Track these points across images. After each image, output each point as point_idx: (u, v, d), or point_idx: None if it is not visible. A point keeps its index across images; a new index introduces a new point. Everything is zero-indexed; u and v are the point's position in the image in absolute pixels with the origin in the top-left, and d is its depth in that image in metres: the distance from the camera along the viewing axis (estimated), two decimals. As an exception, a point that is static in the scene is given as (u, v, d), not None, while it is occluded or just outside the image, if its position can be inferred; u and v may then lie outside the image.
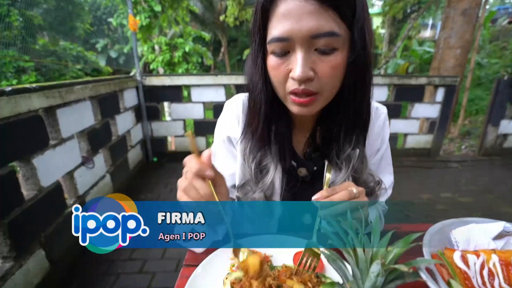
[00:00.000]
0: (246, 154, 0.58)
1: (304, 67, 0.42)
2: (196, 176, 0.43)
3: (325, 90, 0.46)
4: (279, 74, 0.46)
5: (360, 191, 0.47)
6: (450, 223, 0.48)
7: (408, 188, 2.66)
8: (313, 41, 0.42)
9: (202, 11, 11.45)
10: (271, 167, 0.57)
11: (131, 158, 2.81)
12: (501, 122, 3.45)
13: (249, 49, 0.54)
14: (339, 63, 0.44)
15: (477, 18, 4.02)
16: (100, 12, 13.61)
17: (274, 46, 0.45)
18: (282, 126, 0.56)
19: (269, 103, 0.52)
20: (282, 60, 0.45)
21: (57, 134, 1.62)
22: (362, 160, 0.57)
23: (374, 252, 0.36)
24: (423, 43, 9.89)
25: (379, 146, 0.64)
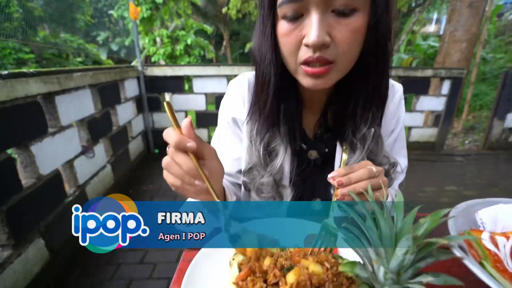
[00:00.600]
0: (253, 136, 0.54)
1: (320, 31, 0.37)
2: (177, 150, 0.39)
3: (342, 59, 0.41)
4: (290, 42, 0.41)
5: (380, 170, 0.43)
6: (474, 204, 0.45)
7: (412, 181, 2.63)
8: (330, 0, 0.37)
9: (204, 3, 11.31)
10: (281, 149, 0.53)
11: (132, 149, 2.78)
12: (507, 116, 3.39)
13: (251, 42, 0.49)
14: (359, 26, 0.39)
15: (484, 11, 3.93)
16: (101, 4, 13.48)
17: (286, 9, 0.40)
18: (292, 105, 0.51)
19: (279, 75, 0.47)
20: (295, 25, 0.40)
21: (56, 121, 1.58)
22: (378, 140, 0.53)
23: (399, 229, 0.32)
24: (428, 38, 9.75)
25: (394, 126, 0.59)
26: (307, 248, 0.40)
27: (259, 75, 0.49)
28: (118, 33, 14.10)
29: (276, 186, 0.55)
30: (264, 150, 0.54)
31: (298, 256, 0.37)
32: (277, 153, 0.53)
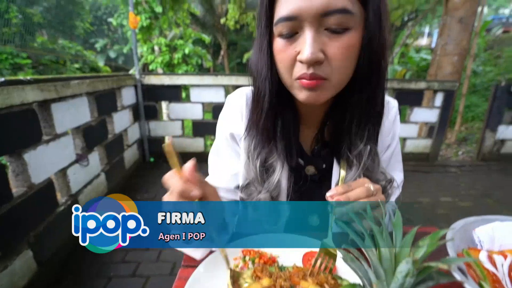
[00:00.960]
0: (251, 152, 0.54)
1: (314, 47, 0.38)
2: (181, 198, 0.38)
3: (335, 75, 0.42)
4: (286, 58, 0.42)
5: (377, 188, 0.43)
6: (472, 221, 0.45)
7: (407, 192, 2.64)
8: (323, 20, 0.38)
9: (203, 13, 11.48)
10: (278, 165, 0.53)
11: (128, 158, 2.75)
12: (498, 128, 3.46)
13: (248, 52, 0.50)
14: (352, 44, 0.40)
15: (473, 26, 4.07)
16: (100, 12, 13.59)
17: (281, 27, 0.41)
18: (289, 121, 0.52)
19: (275, 91, 0.47)
20: (290, 41, 0.41)
21: (51, 129, 1.56)
22: (374, 157, 0.53)
23: (398, 250, 0.32)
24: (420, 51, 10.00)
25: (390, 142, 0.60)
26: (306, 267, 0.39)
27: (256, 90, 0.50)
28: (116, 41, 14.17)
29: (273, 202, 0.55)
30: (261, 166, 0.53)
31: (298, 277, 0.36)
32: (274, 169, 0.53)
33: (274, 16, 0.42)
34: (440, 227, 0.65)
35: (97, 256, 1.66)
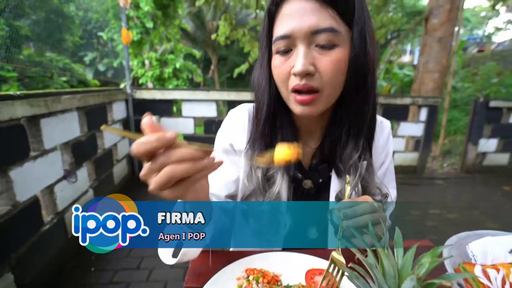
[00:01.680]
0: (253, 163, 0.57)
1: (305, 61, 0.44)
2: (163, 153, 0.31)
3: (327, 87, 0.46)
4: (282, 72, 0.48)
5: (379, 206, 0.45)
6: (465, 236, 0.47)
7: (398, 205, 2.68)
8: (313, 37, 0.44)
9: (194, 29, 11.70)
10: (278, 176, 0.56)
11: (117, 173, 2.69)
12: (479, 141, 3.62)
13: (238, 68, 0.54)
14: (340, 59, 0.45)
15: (451, 45, 4.33)
16: (90, 26, 13.59)
17: (278, 44, 0.47)
18: (289, 135, 0.56)
19: (273, 103, 0.52)
20: (285, 57, 0.47)
21: (39, 145, 1.52)
22: (369, 169, 0.57)
23: (401, 267, 0.33)
24: (403, 67, 10.49)
25: (384, 159, 0.64)
26: (312, 286, 0.40)
27: (256, 101, 0.55)
28: (106, 54, 14.12)
29: (274, 212, 0.56)
30: (263, 176, 0.56)
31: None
32: (275, 180, 0.56)
33: (273, 36, 0.48)
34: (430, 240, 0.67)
35: (81, 279, 1.58)
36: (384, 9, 6.78)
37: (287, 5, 0.45)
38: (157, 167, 0.31)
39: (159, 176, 0.31)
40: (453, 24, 4.17)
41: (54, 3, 10.03)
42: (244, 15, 11.45)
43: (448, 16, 4.05)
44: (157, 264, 1.74)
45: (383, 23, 6.12)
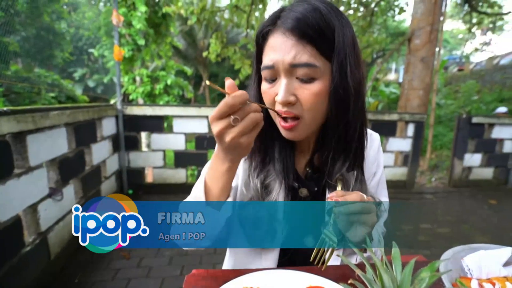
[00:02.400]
0: (251, 172, 0.60)
1: (286, 92, 0.48)
2: (243, 108, 0.40)
3: (308, 115, 0.50)
4: (268, 97, 0.52)
5: (369, 198, 0.50)
6: (460, 250, 0.47)
7: (391, 220, 2.69)
8: (293, 70, 0.48)
9: (185, 47, 11.91)
10: (276, 185, 0.58)
11: (105, 190, 2.61)
12: (465, 156, 3.73)
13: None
14: (318, 91, 0.48)
15: (433, 65, 4.56)
16: (81, 42, 13.65)
17: (265, 73, 0.51)
18: (285, 146, 0.59)
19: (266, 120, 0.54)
20: (271, 85, 0.51)
21: (24, 162, 1.47)
22: (361, 184, 0.59)
23: (400, 282, 0.33)
24: (389, 85, 10.93)
25: (375, 170, 0.67)
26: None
27: None
28: (96, 71, 14.11)
29: (270, 220, 0.58)
30: (261, 184, 0.59)
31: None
32: (272, 188, 0.58)
33: (262, 63, 0.52)
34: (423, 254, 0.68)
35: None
36: (369, 30, 7.14)
37: (272, 38, 0.49)
38: (243, 115, 0.40)
39: (244, 122, 0.40)
40: (434, 45, 4.42)
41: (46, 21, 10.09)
42: (235, 34, 11.79)
43: (429, 37, 4.30)
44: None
45: (368, 43, 6.42)
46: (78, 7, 14.85)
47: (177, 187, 3.13)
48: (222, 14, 7.49)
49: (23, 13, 9.27)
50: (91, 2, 14.55)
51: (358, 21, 7.12)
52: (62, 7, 12.34)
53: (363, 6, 7.04)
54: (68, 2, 13.59)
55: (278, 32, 0.48)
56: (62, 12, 11.53)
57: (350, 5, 7.17)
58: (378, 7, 6.94)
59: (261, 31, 0.51)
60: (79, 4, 15.20)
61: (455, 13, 11.89)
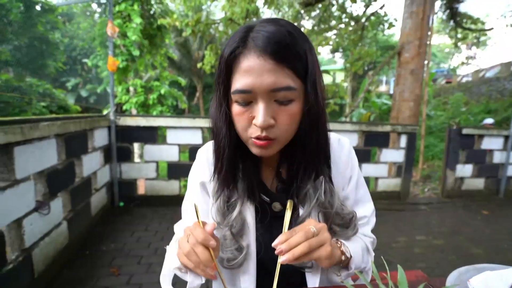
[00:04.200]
0: (214, 193, 0.59)
1: (266, 116, 0.47)
2: (199, 244, 0.46)
3: (282, 136, 0.51)
4: (243, 120, 0.50)
5: (320, 227, 0.48)
6: (465, 271, 0.46)
7: (384, 231, 2.68)
8: (272, 94, 0.47)
9: (180, 58, 12.00)
10: (237, 203, 0.58)
11: (95, 203, 2.53)
12: (456, 167, 3.79)
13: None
14: (295, 112, 0.49)
15: (423, 77, 4.69)
16: (75, 52, 13.62)
17: (238, 97, 0.49)
18: (249, 165, 0.58)
19: (233, 147, 0.54)
20: (245, 108, 0.49)
21: (9, 174, 1.41)
22: (331, 193, 0.58)
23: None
24: (381, 96, 11.17)
25: (350, 173, 0.65)
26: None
27: (216, 146, 0.57)
28: (89, 80, 14.05)
29: (235, 239, 0.57)
30: (224, 204, 0.58)
31: None
32: (235, 207, 0.58)
33: (232, 86, 0.49)
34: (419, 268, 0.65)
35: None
36: (360, 43, 7.34)
37: (245, 60, 0.46)
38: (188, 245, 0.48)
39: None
40: (423, 58, 4.55)
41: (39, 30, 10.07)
42: (230, 46, 11.93)
43: (418, 51, 4.43)
44: (134, 305, 1.58)
45: (360, 55, 6.59)
46: (73, 18, 14.91)
47: (169, 199, 3.07)
48: (216, 27, 7.62)
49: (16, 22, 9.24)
50: (86, 13, 14.63)
51: (350, 35, 7.33)
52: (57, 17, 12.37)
53: (354, 20, 7.27)
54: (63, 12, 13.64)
55: (252, 54, 0.46)
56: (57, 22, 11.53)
57: (341, 20, 7.40)
58: (369, 21, 7.17)
59: (231, 52, 0.47)
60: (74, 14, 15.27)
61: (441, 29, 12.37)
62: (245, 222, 0.57)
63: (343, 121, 4.90)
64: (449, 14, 7.17)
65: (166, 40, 7.42)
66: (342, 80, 11.15)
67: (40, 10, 9.74)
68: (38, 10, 9.79)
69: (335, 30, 7.53)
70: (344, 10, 7.11)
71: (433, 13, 5.39)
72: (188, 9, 8.20)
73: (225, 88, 0.50)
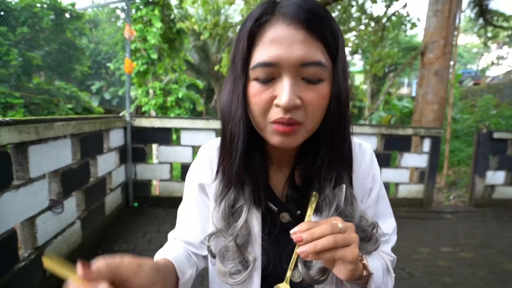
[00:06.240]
0: (217, 196, 0.51)
1: (292, 94, 0.39)
2: None
3: (309, 121, 0.43)
4: (262, 101, 0.42)
5: (347, 226, 0.40)
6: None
7: (405, 241, 2.50)
8: (300, 70, 0.40)
9: (198, 61, 12.21)
10: (244, 210, 0.49)
11: (109, 203, 2.57)
12: (486, 173, 3.50)
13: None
14: (325, 93, 0.42)
15: (448, 78, 4.41)
16: (100, 57, 14.28)
17: (259, 72, 0.41)
18: (258, 165, 0.49)
19: (248, 134, 0.46)
20: (266, 86, 0.42)
21: (24, 173, 1.44)
22: (352, 201, 0.50)
23: None
24: (402, 99, 10.72)
25: (371, 185, 0.56)
26: None
27: (228, 132, 0.48)
28: (113, 84, 14.66)
29: (239, 251, 0.49)
30: (228, 209, 0.49)
31: None
32: (240, 214, 0.49)
33: (251, 61, 0.42)
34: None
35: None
36: (381, 44, 7.08)
37: (272, 30, 0.40)
38: None
39: None
40: (448, 58, 4.29)
41: (68, 36, 10.65)
42: (246, 49, 11.99)
43: (443, 51, 4.18)
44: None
45: (380, 57, 6.35)
46: (99, 24, 15.68)
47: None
48: (234, 30, 7.66)
49: (47, 29, 9.83)
50: (112, 19, 15.32)
51: (370, 36, 7.09)
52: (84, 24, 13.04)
53: (374, 21, 7.03)
54: (90, 19, 14.35)
55: (280, 22, 0.40)
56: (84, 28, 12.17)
57: (361, 21, 7.19)
58: (390, 22, 6.91)
59: (256, 19, 0.41)
60: (100, 21, 16.05)
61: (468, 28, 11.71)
62: (251, 232, 0.49)
63: (362, 124, 4.72)
64: (478, 12, 6.76)
65: (185, 44, 7.57)
66: (361, 82, 10.82)
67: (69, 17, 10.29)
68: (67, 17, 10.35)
69: (355, 31, 7.33)
70: (364, 11, 6.90)
71: (460, 11, 5.09)
72: (207, 13, 8.33)
73: (244, 64, 0.43)
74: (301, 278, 0.51)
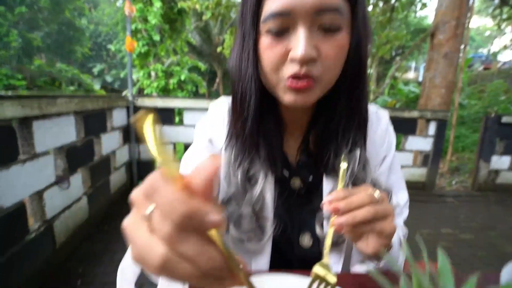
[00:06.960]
0: (231, 162, 0.48)
1: (308, 45, 0.36)
2: (182, 231, 0.18)
3: (326, 75, 0.40)
4: (275, 55, 0.39)
5: (383, 196, 0.37)
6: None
7: (407, 223, 2.53)
8: (316, 18, 0.37)
9: (200, 43, 11.95)
10: (260, 175, 0.47)
11: (114, 181, 2.61)
12: (492, 158, 3.47)
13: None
14: (344, 44, 0.39)
15: (457, 62, 4.28)
16: (100, 38, 14.02)
17: (271, 23, 0.38)
18: (272, 127, 0.47)
19: (260, 91, 0.43)
20: (279, 39, 0.39)
21: (29, 148, 1.45)
22: (364, 165, 0.48)
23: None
24: (408, 83, 10.49)
25: (386, 153, 0.54)
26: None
27: (239, 93, 0.45)
28: (114, 66, 14.49)
29: (256, 217, 0.48)
30: (243, 176, 0.47)
31: None
32: (257, 180, 0.48)
33: (262, 13, 0.39)
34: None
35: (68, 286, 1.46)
36: (389, 26, 6.84)
37: None
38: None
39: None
40: (459, 41, 4.14)
41: (67, 17, 10.40)
42: (250, 30, 11.66)
43: (454, 32, 4.03)
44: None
45: (388, 38, 6.15)
46: (98, 5, 15.26)
47: (186, 181, 3.09)
48: (237, 10, 7.41)
49: (46, 9, 9.60)
50: None
51: (378, 16, 6.84)
52: (83, 4, 12.71)
53: (383, 1, 6.75)
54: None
55: None
56: (83, 8, 11.89)
57: (369, 1, 6.91)
58: (399, 2, 6.63)
59: None
60: (99, 1, 15.62)
61: (482, 8, 11.22)
62: (264, 198, 0.48)
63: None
64: (493, -9, 6.44)
65: (187, 25, 7.37)
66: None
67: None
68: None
69: (362, 11, 7.06)
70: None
71: (475, -10, 4.85)
72: (209, -9, 8.05)
73: (253, 17, 0.40)
74: (311, 242, 0.50)
